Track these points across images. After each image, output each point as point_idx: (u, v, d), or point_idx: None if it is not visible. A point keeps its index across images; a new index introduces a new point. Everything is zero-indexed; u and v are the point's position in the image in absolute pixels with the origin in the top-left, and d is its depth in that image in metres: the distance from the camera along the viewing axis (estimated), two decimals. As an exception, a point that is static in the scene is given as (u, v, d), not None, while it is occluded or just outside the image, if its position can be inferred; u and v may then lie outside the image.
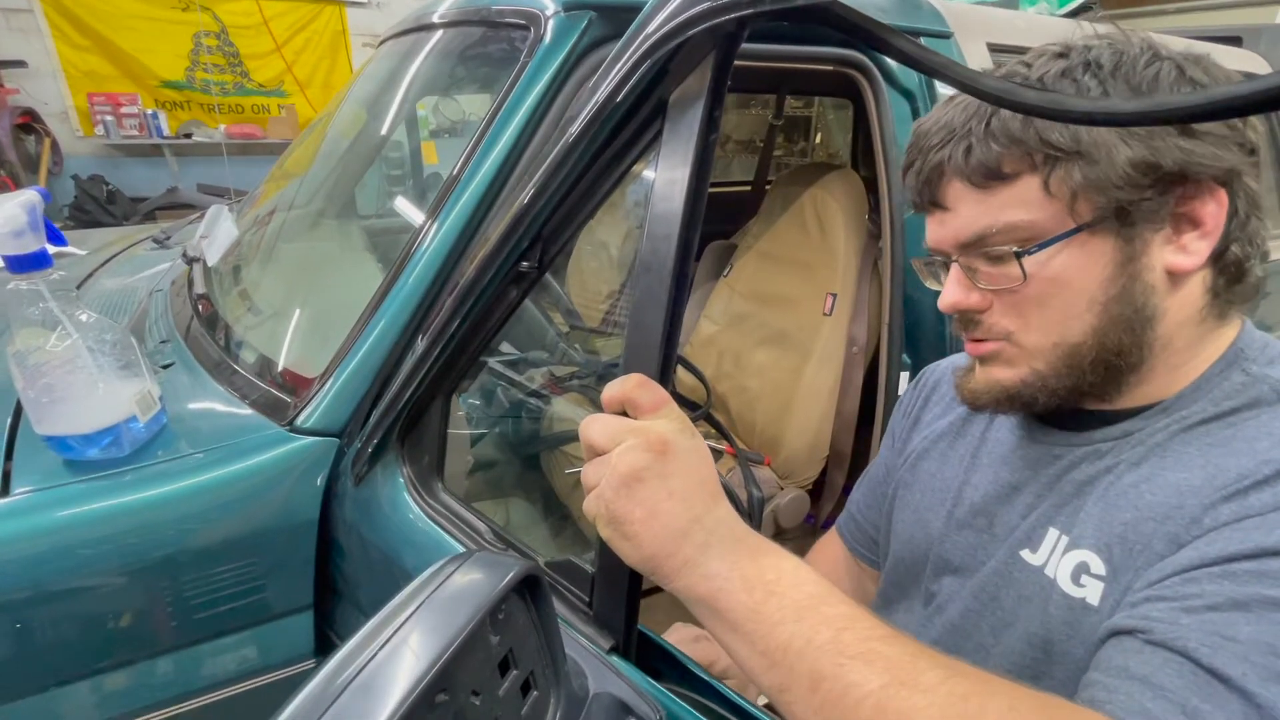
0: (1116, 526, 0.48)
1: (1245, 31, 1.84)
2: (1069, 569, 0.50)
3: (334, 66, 5.14)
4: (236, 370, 0.95)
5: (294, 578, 0.81)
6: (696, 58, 0.45)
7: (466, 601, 0.35)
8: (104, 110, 4.45)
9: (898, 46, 0.40)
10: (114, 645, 0.74)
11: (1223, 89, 0.26)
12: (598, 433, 0.43)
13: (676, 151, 0.46)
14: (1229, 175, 0.46)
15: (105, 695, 0.75)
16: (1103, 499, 0.50)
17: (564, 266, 1.78)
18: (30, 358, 0.72)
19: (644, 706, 0.46)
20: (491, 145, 0.87)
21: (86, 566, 0.71)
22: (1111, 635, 0.43)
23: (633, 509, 0.41)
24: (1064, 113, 0.34)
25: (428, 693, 0.31)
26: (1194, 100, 0.28)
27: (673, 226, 0.45)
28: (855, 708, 0.35)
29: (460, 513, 0.70)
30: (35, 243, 0.70)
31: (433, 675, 0.31)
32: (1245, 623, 0.37)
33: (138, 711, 0.76)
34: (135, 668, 0.76)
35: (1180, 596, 0.40)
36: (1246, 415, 0.47)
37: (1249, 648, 0.36)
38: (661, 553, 0.41)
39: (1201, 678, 0.36)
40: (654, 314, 0.45)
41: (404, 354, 0.83)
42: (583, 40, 0.88)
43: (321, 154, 1.41)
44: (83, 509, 0.73)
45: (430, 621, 0.34)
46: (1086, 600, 0.48)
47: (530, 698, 0.40)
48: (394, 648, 0.33)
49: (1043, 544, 0.53)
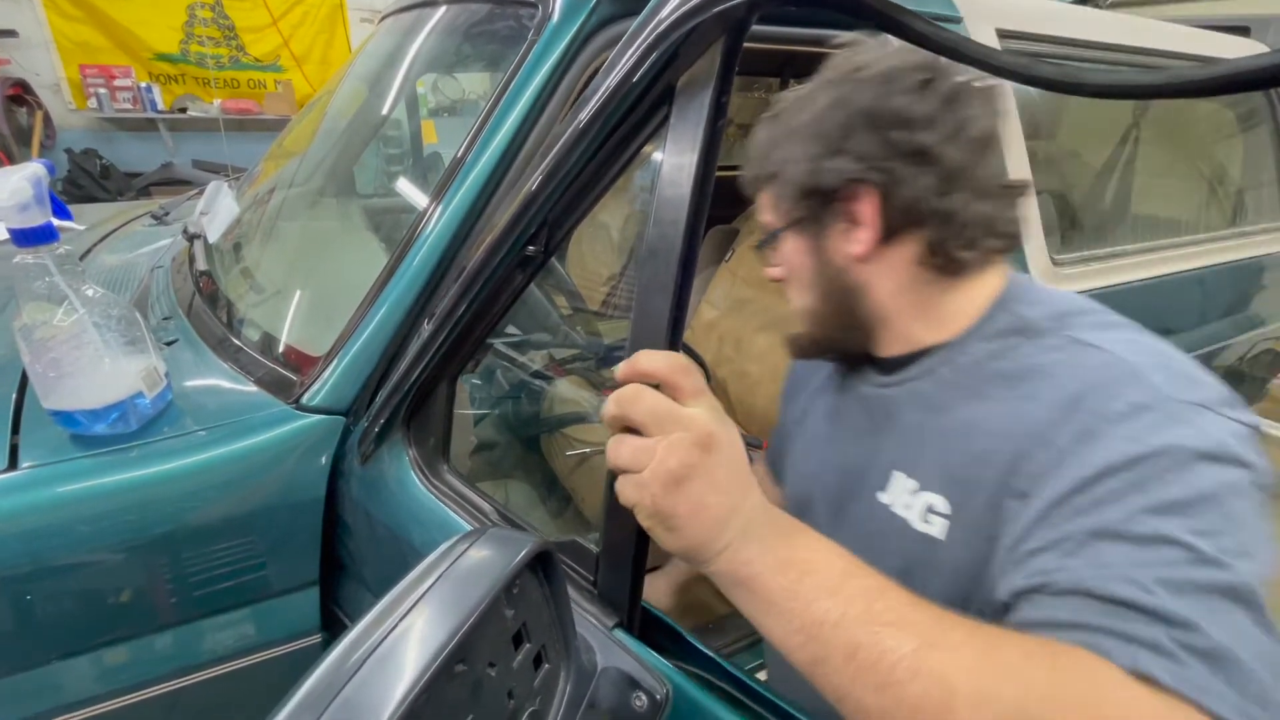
0: (953, 469, 0.56)
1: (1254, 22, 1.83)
2: (918, 510, 0.58)
3: (331, 41, 5.06)
4: (241, 348, 0.95)
5: (300, 554, 0.82)
6: (705, 43, 0.45)
7: (484, 575, 0.36)
8: (97, 83, 4.38)
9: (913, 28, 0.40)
10: (122, 619, 0.75)
11: (1230, 63, 0.28)
12: (643, 413, 0.42)
13: (685, 136, 0.46)
14: (884, 179, 0.57)
15: (111, 668, 0.76)
16: (937, 443, 0.59)
17: (566, 249, 1.77)
18: (37, 332, 0.72)
19: (650, 680, 0.47)
20: (499, 125, 0.86)
21: (95, 540, 0.72)
22: (1018, 597, 0.47)
23: (679, 505, 0.41)
24: (1078, 86, 0.35)
25: (448, 662, 0.32)
26: (1206, 73, 0.30)
27: (680, 211, 0.45)
28: (891, 670, 0.38)
29: (465, 493, 0.70)
30: (41, 216, 0.70)
31: (453, 645, 0.32)
32: (1110, 549, 0.43)
33: (144, 684, 0.77)
34: (141, 641, 0.77)
35: (1053, 544, 0.46)
36: (1016, 345, 0.56)
37: (1124, 568, 0.42)
38: (702, 542, 0.42)
39: (1108, 606, 0.41)
40: (661, 298, 0.46)
41: (409, 334, 0.83)
42: (591, 19, 0.87)
43: (324, 132, 1.39)
44: (91, 484, 0.73)
45: (449, 594, 0.35)
46: (933, 535, 0.56)
47: (542, 670, 0.41)
48: (413, 620, 0.34)
49: (890, 485, 0.61)
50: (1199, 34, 1.59)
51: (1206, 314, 1.66)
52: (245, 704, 0.84)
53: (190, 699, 0.79)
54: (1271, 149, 1.83)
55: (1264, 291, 1.80)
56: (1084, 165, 1.62)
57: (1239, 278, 1.71)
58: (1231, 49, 1.65)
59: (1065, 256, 1.32)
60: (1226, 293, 1.70)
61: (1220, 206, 1.78)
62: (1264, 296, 1.80)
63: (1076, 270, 1.33)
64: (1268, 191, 1.85)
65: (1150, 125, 1.67)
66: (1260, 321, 1.83)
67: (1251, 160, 1.83)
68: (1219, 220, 1.75)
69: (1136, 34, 1.44)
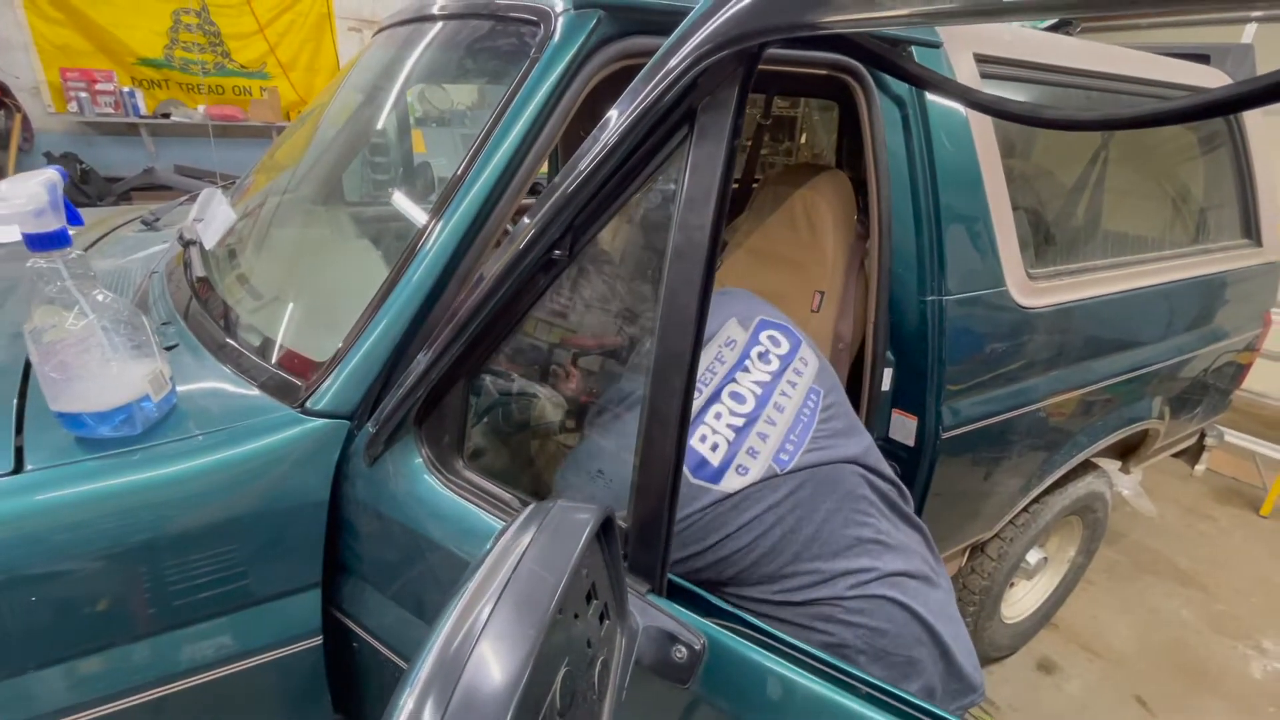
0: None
1: (1214, 50, 1.93)
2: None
3: (319, 50, 5.06)
4: (244, 353, 0.96)
5: (304, 556, 0.83)
6: (724, 74, 0.51)
7: (571, 536, 0.41)
8: (78, 86, 4.33)
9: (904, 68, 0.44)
10: (126, 621, 0.76)
11: (1200, 95, 0.32)
12: None
13: (706, 153, 0.51)
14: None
15: (115, 669, 0.77)
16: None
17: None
18: (46, 335, 0.74)
19: (687, 634, 0.55)
20: (500, 141, 0.89)
21: (99, 543, 0.73)
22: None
23: None
24: (1039, 120, 0.40)
25: (558, 608, 0.38)
26: (1185, 104, 0.34)
27: (705, 218, 0.51)
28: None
29: (487, 487, 0.73)
30: (55, 221, 0.71)
31: (560, 592, 0.38)
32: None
33: (148, 685, 0.78)
34: (146, 643, 0.77)
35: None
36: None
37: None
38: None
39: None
40: (688, 292, 0.51)
41: (410, 341, 0.85)
42: (591, 39, 0.91)
43: (322, 141, 1.41)
44: (97, 485, 0.74)
45: (549, 551, 0.41)
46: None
47: (605, 625, 0.46)
48: (523, 570, 0.39)
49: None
50: (1162, 60, 1.68)
51: (1173, 327, 1.73)
52: (248, 706, 0.84)
53: (193, 701, 0.80)
54: (1230, 170, 1.93)
55: (1226, 306, 1.88)
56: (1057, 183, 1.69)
57: (1202, 292, 1.79)
58: (1192, 75, 1.74)
59: (1039, 271, 1.38)
60: (1191, 307, 1.78)
61: (1184, 224, 1.87)
62: (1226, 311, 1.89)
63: (1050, 284, 1.39)
64: (1227, 210, 1.95)
65: (1118, 146, 1.75)
66: (1223, 334, 1.91)
67: (1213, 180, 1.92)
68: (1183, 237, 1.83)
69: (1106, 60, 1.52)
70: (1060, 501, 1.76)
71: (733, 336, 0.92)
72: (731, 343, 0.91)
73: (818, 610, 0.79)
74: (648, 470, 0.57)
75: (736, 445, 0.81)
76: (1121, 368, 1.60)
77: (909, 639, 0.82)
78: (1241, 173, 1.93)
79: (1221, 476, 3.14)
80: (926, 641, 0.83)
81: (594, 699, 0.44)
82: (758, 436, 0.82)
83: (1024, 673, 1.98)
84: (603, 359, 0.93)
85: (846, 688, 0.56)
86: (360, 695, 0.95)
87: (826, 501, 0.83)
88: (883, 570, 0.82)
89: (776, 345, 0.93)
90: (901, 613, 0.81)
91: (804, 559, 0.79)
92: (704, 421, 0.82)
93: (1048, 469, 1.60)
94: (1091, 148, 1.73)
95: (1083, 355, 1.50)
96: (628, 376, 0.94)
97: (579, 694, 0.43)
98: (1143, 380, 1.68)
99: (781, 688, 0.57)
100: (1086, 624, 2.18)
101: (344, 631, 0.90)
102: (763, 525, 0.78)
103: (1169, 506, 2.88)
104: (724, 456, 0.80)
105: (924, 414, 1.28)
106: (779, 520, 0.79)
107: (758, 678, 0.58)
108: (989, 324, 1.30)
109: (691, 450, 0.79)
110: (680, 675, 0.56)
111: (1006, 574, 1.76)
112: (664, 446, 0.56)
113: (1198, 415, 2.09)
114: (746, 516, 0.78)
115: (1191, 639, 2.15)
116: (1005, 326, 1.31)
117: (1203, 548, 2.62)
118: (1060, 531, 1.99)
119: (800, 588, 0.79)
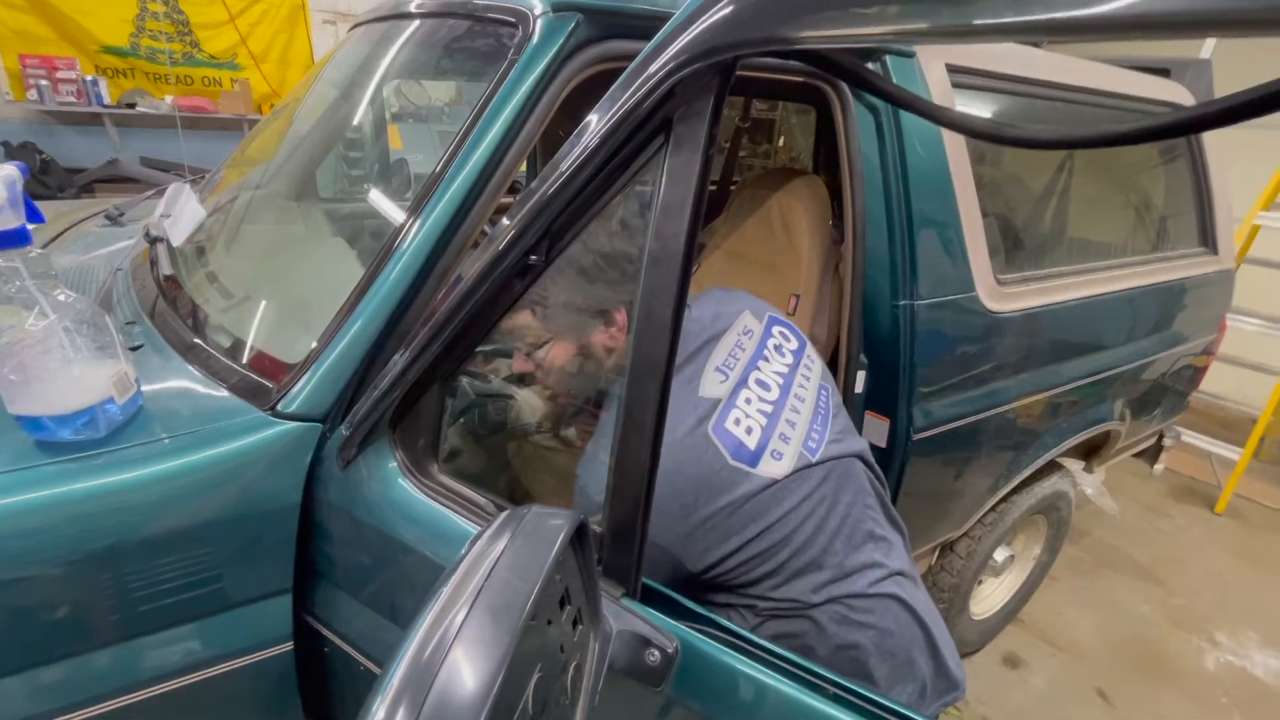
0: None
1: (1174, 64, 1.99)
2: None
3: (291, 41, 4.96)
4: (212, 354, 0.94)
5: (275, 561, 0.82)
6: (700, 84, 0.51)
7: (545, 542, 0.41)
8: (38, 74, 4.18)
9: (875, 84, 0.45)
10: (91, 628, 0.74)
11: (1158, 118, 0.34)
12: None
13: (682, 161, 0.52)
14: (625, 304, 0.84)
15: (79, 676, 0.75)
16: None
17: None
18: (4, 336, 0.71)
19: (660, 638, 0.55)
20: (478, 141, 0.89)
21: (62, 549, 0.71)
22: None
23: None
24: (1001, 138, 0.41)
25: (529, 616, 0.38)
26: (1143, 125, 0.36)
27: (680, 225, 0.52)
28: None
29: (462, 491, 0.73)
30: (14, 219, 0.69)
31: (532, 601, 0.38)
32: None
33: (113, 693, 0.76)
34: (112, 650, 0.76)
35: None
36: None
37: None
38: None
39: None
40: (663, 301, 0.52)
41: (385, 343, 0.84)
42: (569, 41, 0.91)
43: (296, 136, 1.39)
44: (58, 490, 0.72)
45: (522, 558, 0.41)
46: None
47: (578, 631, 0.46)
48: (496, 578, 0.40)
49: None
50: (1125, 74, 1.73)
51: (1134, 332, 1.79)
52: (216, 712, 0.83)
53: (159, 709, 0.78)
54: (1189, 181, 1.99)
55: (1184, 311, 1.95)
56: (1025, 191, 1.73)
57: (1162, 299, 1.85)
58: (1153, 88, 1.79)
59: (1008, 276, 1.42)
60: (1152, 312, 1.84)
61: (1145, 232, 1.93)
62: (1184, 316, 1.96)
63: (1019, 289, 1.42)
64: (1185, 219, 2.02)
65: (1083, 156, 1.80)
66: (1182, 339, 1.98)
67: (1172, 191, 1.99)
68: (1145, 245, 1.89)
69: (1072, 73, 1.56)
70: (1027, 501, 1.81)
71: (749, 326, 0.93)
72: (749, 332, 0.92)
73: (833, 610, 0.79)
74: (622, 474, 0.57)
75: (769, 430, 0.81)
76: (1086, 371, 1.65)
77: (909, 639, 0.83)
78: (1199, 184, 2.00)
79: (1179, 475, 3.26)
80: (922, 641, 0.84)
81: (567, 704, 0.45)
82: (787, 424, 0.83)
83: (991, 667, 2.03)
84: (581, 360, 0.93)
85: (814, 689, 0.57)
86: (332, 701, 0.93)
87: (846, 494, 0.84)
88: (890, 568, 0.83)
89: (787, 340, 0.95)
90: (904, 613, 0.82)
91: (830, 553, 0.80)
92: (735, 405, 0.81)
93: (1015, 469, 1.64)
94: (1058, 157, 1.78)
95: (1049, 359, 1.54)
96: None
97: (552, 699, 0.43)
98: (1106, 383, 1.73)
99: (753, 689, 0.58)
100: (1051, 619, 2.24)
101: (315, 636, 0.88)
102: (799, 516, 0.78)
103: (1130, 505, 2.97)
104: (759, 440, 0.79)
105: (896, 416, 1.30)
106: (812, 512, 0.79)
107: (730, 680, 0.59)
108: (959, 328, 1.33)
109: (726, 433, 0.78)
110: (653, 678, 0.56)
111: (975, 571, 1.80)
112: (639, 450, 0.56)
113: (1157, 416, 2.16)
114: (786, 506, 0.78)
115: (1150, 633, 2.23)
116: (975, 330, 1.35)
117: (1161, 544, 2.72)
118: (1026, 530, 2.05)
119: (822, 584, 0.79)
